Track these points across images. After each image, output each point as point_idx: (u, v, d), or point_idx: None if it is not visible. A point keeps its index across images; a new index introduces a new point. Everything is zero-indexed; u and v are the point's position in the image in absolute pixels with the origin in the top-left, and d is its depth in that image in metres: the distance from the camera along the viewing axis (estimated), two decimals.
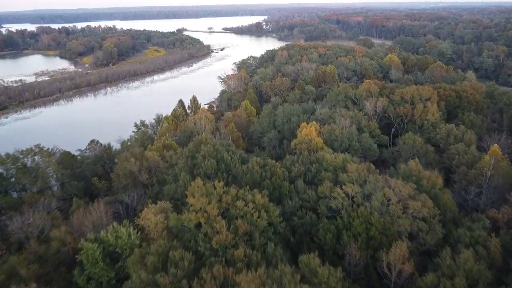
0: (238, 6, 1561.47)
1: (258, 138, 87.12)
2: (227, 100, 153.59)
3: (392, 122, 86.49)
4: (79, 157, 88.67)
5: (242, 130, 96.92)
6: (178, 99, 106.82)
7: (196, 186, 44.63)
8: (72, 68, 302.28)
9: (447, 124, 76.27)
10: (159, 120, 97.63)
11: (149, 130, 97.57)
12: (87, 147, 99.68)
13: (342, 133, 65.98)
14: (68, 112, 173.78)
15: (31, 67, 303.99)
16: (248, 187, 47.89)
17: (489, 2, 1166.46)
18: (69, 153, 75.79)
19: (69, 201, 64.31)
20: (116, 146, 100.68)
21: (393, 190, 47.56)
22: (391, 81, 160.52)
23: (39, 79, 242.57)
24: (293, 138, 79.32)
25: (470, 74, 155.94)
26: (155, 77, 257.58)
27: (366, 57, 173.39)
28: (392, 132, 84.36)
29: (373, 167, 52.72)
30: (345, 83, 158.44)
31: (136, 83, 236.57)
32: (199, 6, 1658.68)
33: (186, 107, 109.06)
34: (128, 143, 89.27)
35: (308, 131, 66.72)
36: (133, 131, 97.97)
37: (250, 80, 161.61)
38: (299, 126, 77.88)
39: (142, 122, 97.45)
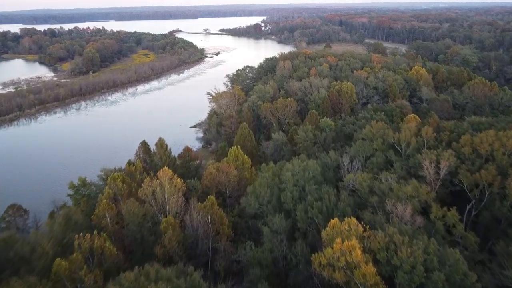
0: (236, 6, 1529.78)
1: (253, 218, 55.63)
2: (216, 126, 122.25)
3: (465, 193, 54.89)
4: None
5: (231, 191, 65.55)
6: (141, 141, 74.90)
7: None
8: (49, 75, 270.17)
9: None
10: (106, 176, 65.99)
11: (92, 190, 65.98)
12: (3, 216, 68.45)
13: (413, 252, 34.53)
14: (21, 138, 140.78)
15: (3, 75, 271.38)
16: None
17: (490, 2, 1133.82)
18: None
19: None
20: (45, 212, 69.37)
21: None
22: (421, 101, 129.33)
23: (5, 91, 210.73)
24: (311, 229, 47.94)
25: None
26: (140, 87, 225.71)
27: (387, 70, 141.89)
28: (466, 211, 52.81)
29: None
30: (364, 104, 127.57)
31: (116, 96, 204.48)
32: (197, 7, 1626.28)
33: (156, 147, 76.62)
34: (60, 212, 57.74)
35: (346, 246, 35.31)
36: (69, 194, 66.34)
37: (246, 99, 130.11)
38: (320, 212, 46.44)
39: (83, 181, 65.73)
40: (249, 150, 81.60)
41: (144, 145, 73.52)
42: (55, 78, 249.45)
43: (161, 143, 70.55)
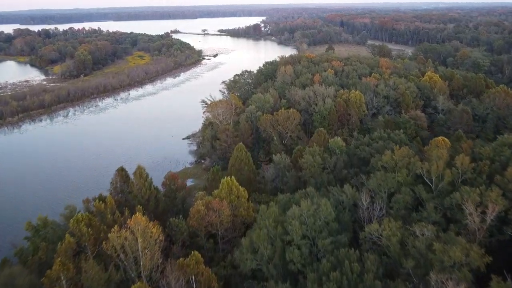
0: (235, 7, 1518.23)
1: (251, 278, 43.96)
2: (211, 139, 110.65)
3: None
4: None
5: (224, 232, 53.89)
6: (118, 167, 63.24)
7: None
8: (39, 79, 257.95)
9: None
10: (71, 215, 54.35)
11: (55, 233, 54.23)
12: None
13: None
14: None
15: None
16: None
17: (490, 2, 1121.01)
18: None
19: None
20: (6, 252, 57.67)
21: None
22: (436, 111, 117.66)
23: None
24: None
25: None
26: (132, 92, 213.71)
27: (398, 76, 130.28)
28: None
29: None
30: (374, 115, 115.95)
31: (106, 102, 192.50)
32: (196, 6, 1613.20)
33: (134, 177, 64.49)
34: None
35: None
36: (26, 237, 54.65)
37: (243, 108, 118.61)
38: (339, 285, 34.82)
39: (43, 220, 54.07)
40: (246, 174, 70.00)
41: (121, 172, 61.74)
42: (44, 82, 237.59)
43: (140, 172, 58.82)
